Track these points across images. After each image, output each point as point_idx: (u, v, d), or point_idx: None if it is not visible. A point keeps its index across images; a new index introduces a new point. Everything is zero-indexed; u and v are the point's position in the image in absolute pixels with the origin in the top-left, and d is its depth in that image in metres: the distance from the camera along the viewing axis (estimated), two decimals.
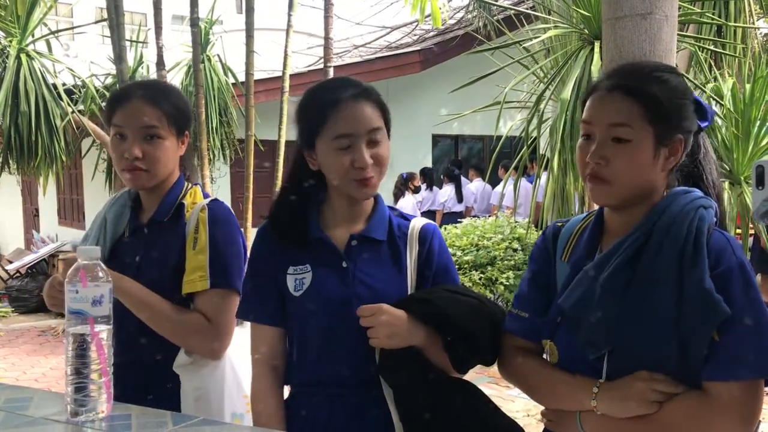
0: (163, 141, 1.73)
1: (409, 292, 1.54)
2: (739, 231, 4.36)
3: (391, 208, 1.63)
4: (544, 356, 1.43)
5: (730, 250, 1.24)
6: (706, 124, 1.36)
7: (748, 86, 4.29)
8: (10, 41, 7.32)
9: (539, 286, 1.45)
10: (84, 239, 1.85)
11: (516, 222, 6.54)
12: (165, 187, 1.79)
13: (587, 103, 1.35)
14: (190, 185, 1.83)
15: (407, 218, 1.62)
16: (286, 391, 1.60)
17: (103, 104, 7.75)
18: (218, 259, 1.69)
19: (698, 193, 1.32)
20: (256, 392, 1.56)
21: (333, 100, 1.46)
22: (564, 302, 1.34)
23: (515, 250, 6.05)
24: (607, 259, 1.30)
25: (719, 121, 4.22)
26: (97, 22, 8.33)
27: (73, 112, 7.46)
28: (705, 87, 4.26)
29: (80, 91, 7.98)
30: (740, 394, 1.20)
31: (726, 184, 4.13)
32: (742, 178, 4.15)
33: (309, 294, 1.50)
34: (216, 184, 8.28)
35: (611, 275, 1.28)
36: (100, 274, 1.22)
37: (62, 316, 1.29)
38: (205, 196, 1.81)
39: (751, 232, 4.68)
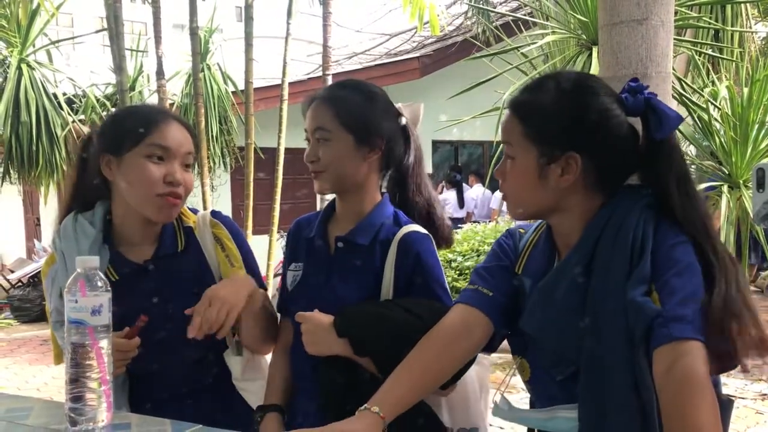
0: (191, 171, 1.64)
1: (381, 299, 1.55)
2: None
3: (398, 213, 1.61)
4: (515, 373, 1.38)
5: (673, 233, 1.19)
6: (660, 135, 1.23)
7: (745, 90, 4.30)
8: (11, 51, 7.35)
9: (506, 271, 1.39)
10: (52, 282, 1.58)
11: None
12: None
13: None
14: None
15: (401, 224, 1.59)
16: None
17: (104, 114, 7.78)
18: (251, 268, 1.69)
19: (641, 192, 1.25)
20: (269, 374, 1.68)
21: None
22: (524, 324, 1.30)
23: None
24: (561, 272, 1.26)
25: (717, 125, 4.23)
26: (97, 31, 8.37)
27: (73, 121, 7.48)
28: (703, 91, 4.27)
29: (81, 101, 8.02)
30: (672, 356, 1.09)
31: (725, 188, 4.14)
32: (741, 181, 4.16)
33: (294, 290, 1.62)
34: (216, 192, 8.29)
35: (566, 293, 1.23)
36: (99, 283, 1.22)
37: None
38: (189, 209, 1.73)
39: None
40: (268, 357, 1.75)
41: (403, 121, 1.63)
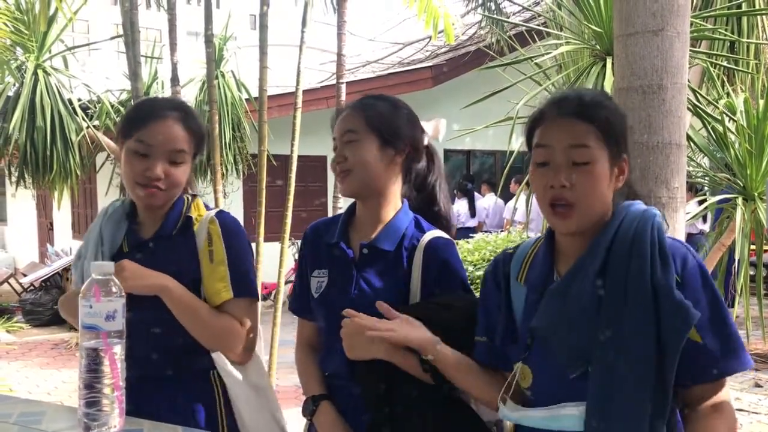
0: (186, 165, 1.73)
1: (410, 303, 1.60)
2: (753, 247, 4.33)
3: (419, 219, 1.67)
4: (516, 379, 1.42)
5: (690, 255, 1.28)
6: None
7: (761, 102, 4.27)
8: (28, 57, 7.41)
9: (490, 312, 1.48)
10: (78, 257, 1.80)
11: (528, 237, 6.51)
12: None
13: (539, 131, 1.38)
14: (190, 198, 1.80)
15: (425, 230, 1.65)
16: None
17: (118, 119, 7.83)
18: (237, 269, 1.70)
19: (641, 203, 1.35)
20: (299, 367, 1.75)
21: None
22: (537, 323, 1.34)
23: None
24: (574, 276, 1.31)
25: (732, 137, 4.20)
26: (112, 38, 8.42)
27: (88, 127, 7.52)
28: (718, 103, 4.24)
29: (95, 107, 8.07)
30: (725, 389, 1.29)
31: (739, 200, 4.10)
32: (756, 193, 4.12)
33: (321, 296, 1.66)
34: (229, 198, 8.32)
35: (581, 293, 1.28)
36: (114, 289, 1.23)
37: (75, 329, 1.30)
38: (207, 207, 1.81)
39: (766, 247, 4.65)
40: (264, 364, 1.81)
41: (427, 140, 1.71)
